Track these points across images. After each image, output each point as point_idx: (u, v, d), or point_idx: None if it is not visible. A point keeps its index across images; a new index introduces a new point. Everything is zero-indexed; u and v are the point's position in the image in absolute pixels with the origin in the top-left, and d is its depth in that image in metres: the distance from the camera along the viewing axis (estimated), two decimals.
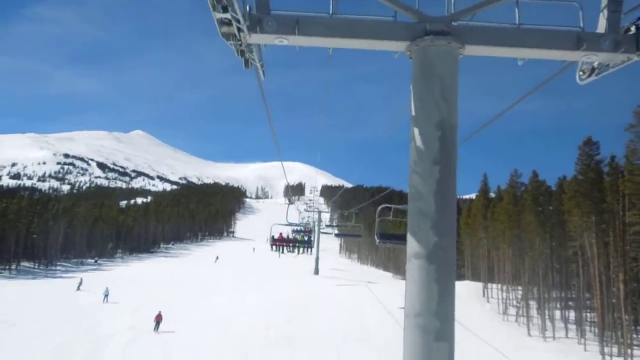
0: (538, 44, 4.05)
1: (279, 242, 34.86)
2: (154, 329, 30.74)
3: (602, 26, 4.10)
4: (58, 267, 78.58)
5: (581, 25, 4.07)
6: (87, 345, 27.23)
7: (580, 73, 4.45)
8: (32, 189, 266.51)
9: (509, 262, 46.96)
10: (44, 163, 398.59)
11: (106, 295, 41.37)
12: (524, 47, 4.07)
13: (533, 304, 41.11)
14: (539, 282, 41.19)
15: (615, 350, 30.49)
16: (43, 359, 24.42)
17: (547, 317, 37.85)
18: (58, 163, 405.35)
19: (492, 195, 57.83)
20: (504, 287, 45.41)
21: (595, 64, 4.28)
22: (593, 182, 35.07)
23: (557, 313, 39.66)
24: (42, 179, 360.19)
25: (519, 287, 44.40)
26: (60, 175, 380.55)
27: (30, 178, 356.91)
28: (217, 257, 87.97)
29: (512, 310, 42.52)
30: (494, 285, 48.60)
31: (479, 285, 50.94)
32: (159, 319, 31.10)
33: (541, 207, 42.70)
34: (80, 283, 49.46)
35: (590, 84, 4.49)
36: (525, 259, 42.67)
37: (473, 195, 75.31)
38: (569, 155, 47.71)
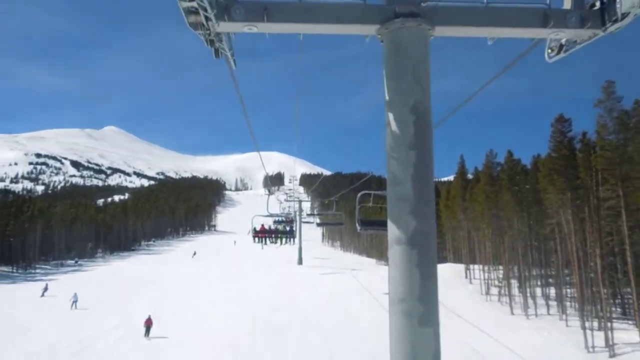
0: (506, 22, 4.02)
1: (261, 234, 34.79)
2: (145, 334, 28.82)
3: (567, 2, 4.09)
4: (37, 270, 77.20)
5: (547, 2, 4.06)
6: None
7: (549, 50, 4.44)
8: (5, 191, 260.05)
9: (489, 242, 47.73)
10: (16, 164, 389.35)
11: (74, 302, 37.91)
12: (492, 26, 4.04)
13: (514, 282, 41.88)
14: (519, 261, 41.96)
15: (595, 324, 31.24)
16: None
17: (528, 295, 38.63)
18: (30, 163, 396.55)
19: (470, 176, 58.54)
20: (486, 268, 46.15)
21: (563, 41, 4.27)
22: (567, 159, 35.66)
23: (538, 290, 40.48)
24: (14, 180, 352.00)
25: (500, 267, 45.21)
26: (34, 175, 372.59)
27: (2, 180, 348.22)
28: (195, 253, 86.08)
29: (494, 290, 43.30)
30: (476, 266, 49.35)
31: (460, 267, 51.73)
32: (148, 323, 29.23)
33: (517, 186, 43.33)
34: (45, 289, 45.70)
35: (560, 61, 4.49)
36: (505, 239, 43.40)
37: (451, 178, 76.21)
38: (542, 133, 48.61)
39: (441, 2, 4.02)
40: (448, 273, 48.03)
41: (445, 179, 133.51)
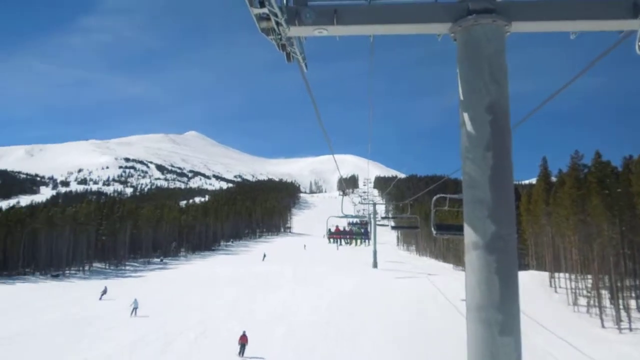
0: (591, 14, 3.76)
1: (336, 235, 35.15)
2: (239, 353, 26.07)
3: None
4: (127, 267, 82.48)
5: None
6: None
7: None
8: (99, 193, 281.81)
9: (576, 249, 44.91)
10: (107, 168, 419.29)
11: (135, 308, 35.59)
12: (576, 19, 3.79)
13: (605, 293, 39.12)
14: (610, 270, 39.09)
15: None
16: None
17: (621, 307, 35.92)
18: (120, 167, 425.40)
19: (554, 179, 55.49)
20: (572, 277, 43.46)
21: None
22: None
23: (633, 303, 37.55)
24: (106, 183, 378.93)
25: (589, 276, 42.38)
26: (123, 178, 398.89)
27: (95, 183, 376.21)
28: (265, 255, 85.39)
29: (582, 301, 40.66)
30: (561, 275, 46.61)
31: (544, 274, 49.10)
32: (243, 340, 26.34)
33: (607, 189, 40.47)
34: (104, 292, 44.14)
35: None
36: (594, 246, 40.63)
37: (533, 181, 72.63)
38: (632, 134, 45.18)
39: None
40: (531, 281, 45.75)
41: (527, 181, 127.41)
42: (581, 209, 42.54)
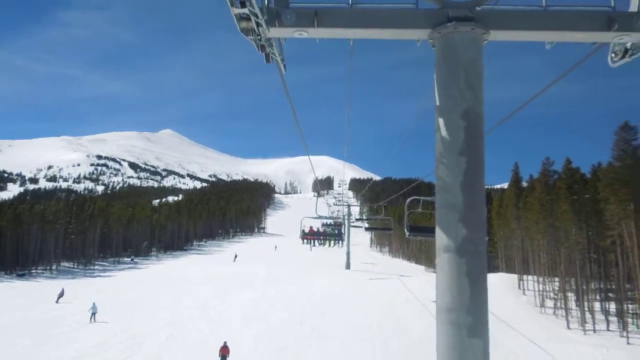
0: (567, 26, 3.86)
1: (309, 236, 35.19)
2: None
3: (634, 4, 3.89)
4: (96, 267, 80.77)
5: (612, 4, 3.88)
6: None
7: (612, 55, 4.23)
8: (69, 191, 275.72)
9: (544, 252, 45.92)
10: (78, 165, 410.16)
11: (94, 313, 33.16)
12: (551, 30, 3.89)
13: (571, 295, 40.11)
14: (577, 273, 40.09)
15: None
16: None
17: (586, 309, 36.87)
18: (92, 164, 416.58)
19: (525, 184, 56.64)
20: (540, 279, 44.43)
21: (629, 45, 4.06)
22: (631, 169, 33.92)
23: (597, 305, 38.58)
24: (77, 180, 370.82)
25: (556, 279, 43.38)
26: (94, 176, 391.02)
27: (65, 180, 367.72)
28: (236, 256, 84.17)
29: (549, 303, 41.60)
30: (530, 277, 47.60)
31: (513, 277, 50.04)
32: (224, 352, 24.24)
33: (576, 195, 41.53)
34: (61, 294, 41.11)
35: (624, 65, 4.28)
36: (561, 250, 41.62)
37: (505, 185, 73.98)
38: (601, 142, 46.45)
39: (497, 6, 3.92)
40: (500, 282, 46.57)
41: (499, 186, 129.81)
42: (550, 214, 43.52)
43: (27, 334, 29.64)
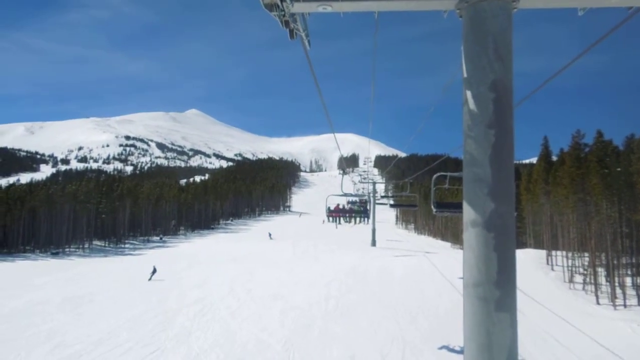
0: None
1: (335, 213, 35.25)
2: None
3: None
4: (127, 245, 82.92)
5: None
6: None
7: None
8: (99, 171, 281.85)
9: (574, 227, 45.14)
10: (107, 146, 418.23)
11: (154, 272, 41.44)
12: None
13: (601, 271, 39.46)
14: (607, 248, 39.37)
15: None
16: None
17: (617, 284, 36.29)
18: (120, 145, 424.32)
19: (554, 159, 55.46)
20: (569, 255, 43.79)
21: None
22: None
23: (628, 280, 37.91)
24: (106, 161, 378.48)
25: (586, 254, 42.71)
26: (123, 157, 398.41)
27: (96, 161, 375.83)
28: (270, 234, 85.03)
29: (578, 278, 41.06)
30: (558, 253, 46.97)
31: (542, 252, 49.44)
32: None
33: (607, 168, 40.48)
34: (154, 272, 42.17)
35: None
36: (592, 224, 40.84)
37: (534, 160, 72.59)
38: (636, 113, 44.83)
39: None
40: (528, 258, 46.09)
41: (527, 161, 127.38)
42: (580, 188, 42.63)
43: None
